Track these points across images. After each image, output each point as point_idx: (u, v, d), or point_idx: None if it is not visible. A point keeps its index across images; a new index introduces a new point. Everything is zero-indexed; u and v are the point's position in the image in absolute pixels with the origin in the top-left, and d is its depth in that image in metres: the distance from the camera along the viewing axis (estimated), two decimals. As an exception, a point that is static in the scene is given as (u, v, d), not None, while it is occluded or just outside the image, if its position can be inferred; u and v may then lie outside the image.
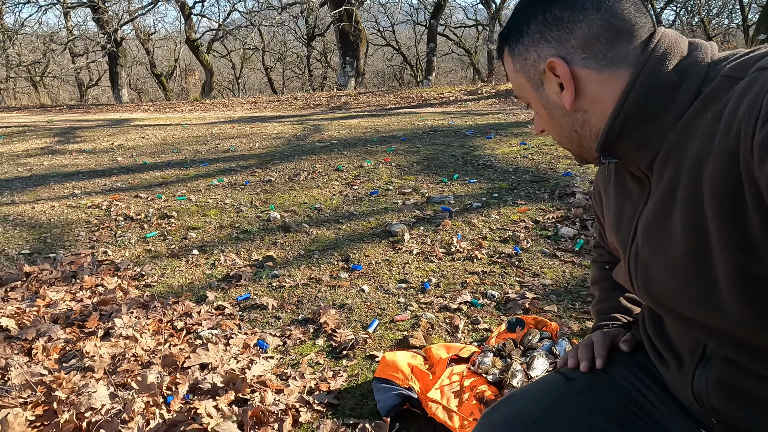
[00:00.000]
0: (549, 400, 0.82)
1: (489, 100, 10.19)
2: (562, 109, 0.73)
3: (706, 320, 0.67)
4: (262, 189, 4.05)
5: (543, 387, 0.87)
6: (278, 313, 2.26)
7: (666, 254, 0.68)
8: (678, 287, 0.68)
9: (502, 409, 0.84)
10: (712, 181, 0.58)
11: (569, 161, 4.03)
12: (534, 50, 0.72)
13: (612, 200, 0.85)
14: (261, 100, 13.09)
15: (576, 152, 0.79)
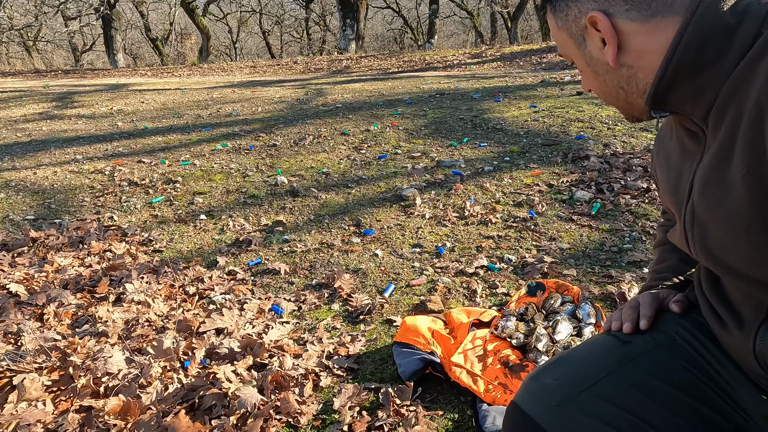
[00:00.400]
0: (606, 365, 0.78)
1: (494, 63, 9.96)
2: (605, 65, 0.70)
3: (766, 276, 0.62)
4: (268, 153, 3.97)
5: (597, 350, 0.82)
6: (291, 278, 2.22)
7: (724, 209, 0.63)
8: (738, 242, 0.63)
9: (554, 372, 0.80)
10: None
11: (581, 124, 3.94)
12: (574, 5, 0.69)
13: (666, 159, 0.80)
14: (260, 64, 12.81)
15: (624, 109, 0.76)
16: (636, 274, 2.00)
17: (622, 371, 0.76)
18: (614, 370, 0.77)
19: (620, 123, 3.87)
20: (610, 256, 2.16)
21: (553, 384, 0.78)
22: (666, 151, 0.80)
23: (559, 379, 0.78)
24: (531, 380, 0.81)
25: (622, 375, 0.76)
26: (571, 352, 0.85)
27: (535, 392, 0.79)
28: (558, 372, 0.80)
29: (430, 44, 16.42)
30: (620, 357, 0.78)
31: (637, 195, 2.69)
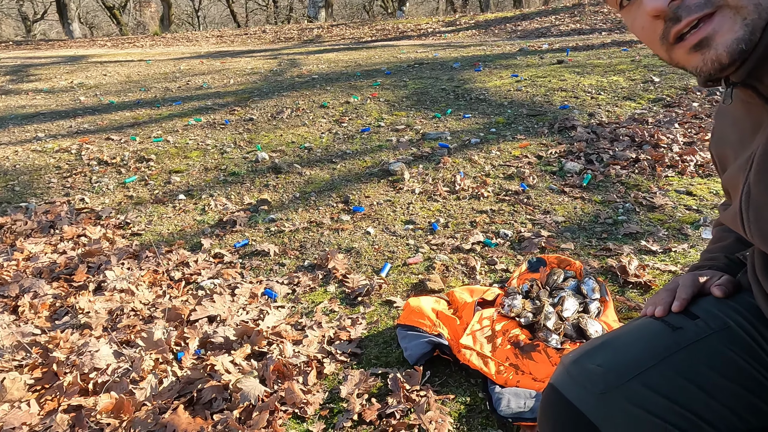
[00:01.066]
0: (655, 352, 0.73)
1: (469, 31, 9.81)
2: None
3: None
4: (245, 128, 3.81)
5: (645, 336, 0.77)
6: (281, 259, 2.14)
7: None
8: None
9: (598, 358, 0.74)
10: None
11: (565, 93, 3.90)
12: None
13: (726, 136, 0.75)
14: (227, 33, 12.30)
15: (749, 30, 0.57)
16: (633, 246, 1.99)
17: (672, 360, 0.72)
18: (664, 358, 0.72)
19: (604, 92, 3.85)
20: (605, 229, 2.15)
21: (597, 370, 0.73)
22: (727, 130, 0.75)
23: (604, 365, 0.73)
24: (572, 364, 0.76)
25: (671, 364, 0.71)
26: (615, 336, 0.79)
27: (577, 377, 0.74)
28: (602, 357, 0.75)
29: (402, 12, 16.06)
30: (671, 344, 0.74)
31: (626, 165, 2.68)
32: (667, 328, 0.76)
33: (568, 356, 0.79)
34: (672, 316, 0.78)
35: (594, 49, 5.67)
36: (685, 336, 0.74)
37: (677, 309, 0.81)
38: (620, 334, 0.79)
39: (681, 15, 0.58)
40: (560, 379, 0.76)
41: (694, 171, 2.56)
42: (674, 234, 2.06)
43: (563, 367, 0.78)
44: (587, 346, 0.79)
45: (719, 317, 0.76)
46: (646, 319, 0.81)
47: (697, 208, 2.23)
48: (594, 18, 9.30)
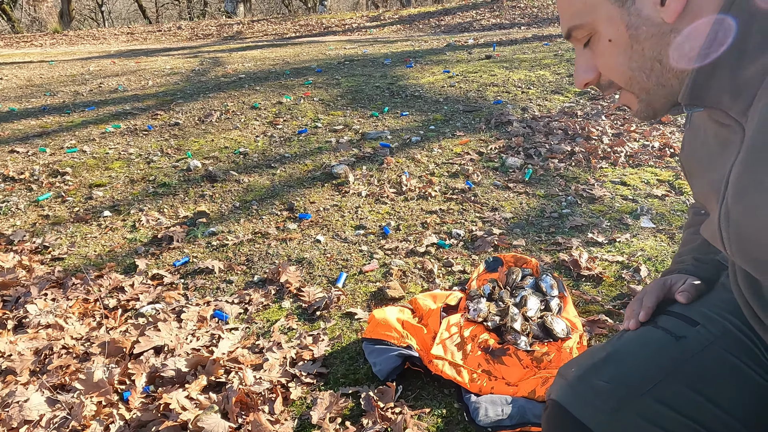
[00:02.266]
0: (662, 364, 0.72)
1: (394, 26, 9.84)
2: (653, 28, 0.60)
3: None
4: (171, 134, 3.56)
5: (650, 348, 0.76)
6: (228, 276, 2.00)
7: (763, 211, 0.59)
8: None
9: (605, 373, 0.73)
10: None
11: (497, 88, 3.99)
12: None
13: (698, 154, 0.75)
14: (138, 30, 11.53)
15: (646, 98, 0.66)
16: (581, 238, 2.06)
17: (681, 372, 0.71)
18: (671, 371, 0.72)
19: (533, 87, 3.97)
20: (552, 223, 2.20)
21: (605, 387, 0.71)
22: (697, 146, 0.75)
23: (612, 381, 0.72)
24: (578, 381, 0.74)
25: (680, 377, 0.71)
26: (617, 348, 0.78)
27: (584, 394, 0.72)
28: (609, 372, 0.73)
29: (323, 6, 15.83)
30: (677, 355, 0.73)
31: (563, 159, 2.77)
32: (670, 338, 0.76)
33: (569, 370, 0.77)
34: (673, 322, 0.78)
35: (518, 44, 5.86)
36: (689, 345, 0.74)
37: (643, 319, 0.82)
38: (623, 346, 0.78)
39: (599, 89, 0.72)
40: (566, 397, 0.74)
41: (625, 162, 2.70)
42: (616, 224, 2.15)
43: (566, 382, 0.76)
44: (589, 359, 0.77)
45: (718, 321, 0.76)
46: (647, 328, 0.80)
47: (633, 198, 2.34)
48: (512, 13, 9.64)
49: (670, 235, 2.05)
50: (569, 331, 1.46)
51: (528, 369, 1.36)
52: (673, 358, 0.73)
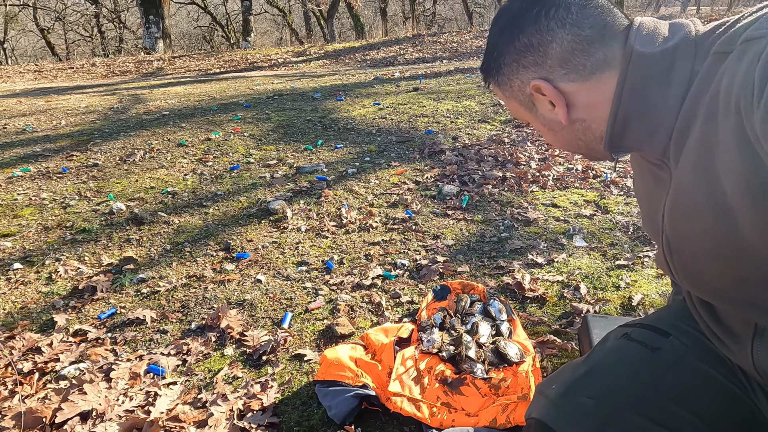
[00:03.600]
0: (641, 377, 0.74)
1: (320, 61, 9.95)
2: (560, 123, 0.73)
3: (747, 294, 0.64)
4: (89, 175, 3.32)
5: (627, 361, 0.78)
6: (162, 325, 1.86)
7: (696, 238, 0.65)
8: (715, 268, 0.65)
9: (587, 389, 0.74)
10: (726, 159, 0.56)
11: (427, 119, 4.10)
12: (516, 77, 0.73)
13: (640, 189, 0.83)
14: (48, 68, 10.86)
15: (588, 155, 0.79)
16: (521, 261, 2.11)
17: (660, 384, 0.74)
18: (651, 383, 0.74)
19: (461, 116, 4.12)
20: (493, 247, 2.25)
21: (588, 402, 0.72)
22: (640, 183, 0.82)
23: (595, 396, 0.73)
24: (561, 398, 0.75)
25: (660, 389, 0.73)
26: (595, 363, 0.79)
27: (569, 413, 0.73)
28: (591, 388, 0.74)
29: (247, 42, 15.75)
30: (654, 368, 0.76)
31: (496, 184, 2.87)
32: (645, 350, 0.78)
33: (549, 388, 0.78)
34: (646, 334, 0.81)
35: (442, 76, 6.10)
36: (665, 357, 0.77)
37: None
38: (602, 361, 0.80)
39: None
40: (549, 415, 0.74)
41: (554, 185, 2.84)
42: (552, 245, 2.23)
43: (548, 401, 0.76)
44: (570, 375, 0.78)
45: (688, 331, 0.80)
46: (622, 341, 0.82)
47: (564, 219, 2.45)
48: (434, 47, 10.07)
49: (602, 253, 2.15)
50: (522, 354, 1.47)
51: (487, 397, 1.35)
52: (652, 371, 0.75)
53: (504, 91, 0.77)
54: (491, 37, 0.75)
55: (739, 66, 0.53)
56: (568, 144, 0.77)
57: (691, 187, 0.62)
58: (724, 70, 0.56)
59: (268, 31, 28.22)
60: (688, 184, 0.63)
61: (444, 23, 23.46)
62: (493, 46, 0.75)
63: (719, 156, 0.56)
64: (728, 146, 0.54)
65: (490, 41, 0.75)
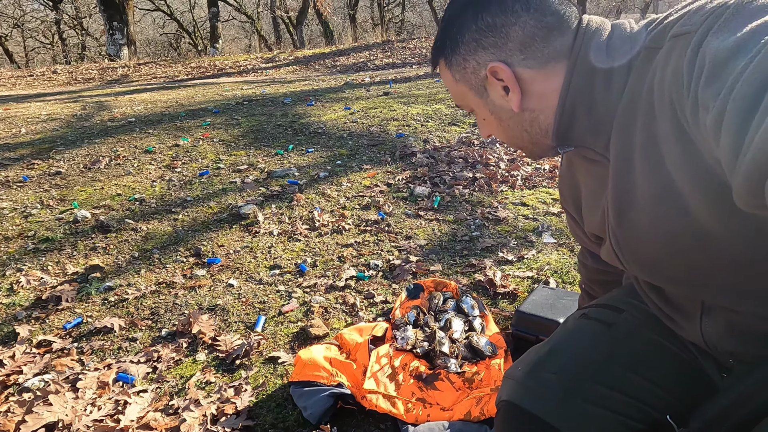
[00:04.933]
0: (599, 350, 0.79)
1: (290, 67, 9.92)
2: (509, 111, 0.73)
3: (701, 279, 0.67)
4: (52, 184, 3.22)
5: (586, 337, 0.82)
6: (131, 333, 1.81)
7: (648, 228, 0.67)
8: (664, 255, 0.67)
9: (550, 365, 0.78)
10: (666, 149, 0.59)
11: (397, 123, 4.13)
12: (472, 58, 0.71)
13: (578, 190, 0.85)
14: (6, 75, 10.49)
15: (529, 150, 0.79)
16: (492, 258, 2.14)
17: (617, 355, 0.78)
18: (609, 355, 0.78)
19: (431, 120, 4.17)
20: (465, 246, 2.28)
21: (552, 378, 0.77)
22: (575, 183, 0.84)
23: (558, 372, 0.77)
24: (526, 377, 0.78)
25: (617, 359, 0.78)
26: (557, 341, 0.84)
27: (535, 389, 0.77)
28: (554, 364, 0.79)
29: (215, 49, 15.56)
30: (610, 340, 0.80)
31: (467, 185, 2.91)
32: (602, 325, 0.83)
33: (515, 370, 0.82)
34: (602, 312, 0.85)
35: (412, 81, 6.16)
36: (619, 331, 0.81)
37: None
38: (562, 339, 0.84)
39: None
40: (517, 394, 0.77)
41: (522, 184, 2.90)
42: (522, 242, 2.27)
43: (515, 381, 0.80)
44: (534, 356, 0.83)
45: (639, 306, 0.84)
46: (580, 320, 0.86)
47: (533, 217, 2.51)
48: (403, 53, 10.16)
49: (570, 248, 2.21)
50: (495, 348, 1.49)
51: (461, 391, 1.37)
52: (607, 344, 0.80)
53: (455, 73, 0.74)
54: (451, 13, 0.72)
55: (669, 60, 0.56)
56: (511, 135, 0.76)
57: (639, 179, 0.64)
58: (657, 64, 0.59)
59: (236, 38, 27.94)
60: (635, 175, 0.64)
61: (413, 29, 23.69)
62: (451, 23, 0.71)
63: (662, 147, 0.59)
64: (668, 138, 0.57)
65: (449, 18, 0.72)
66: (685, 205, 0.60)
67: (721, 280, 0.65)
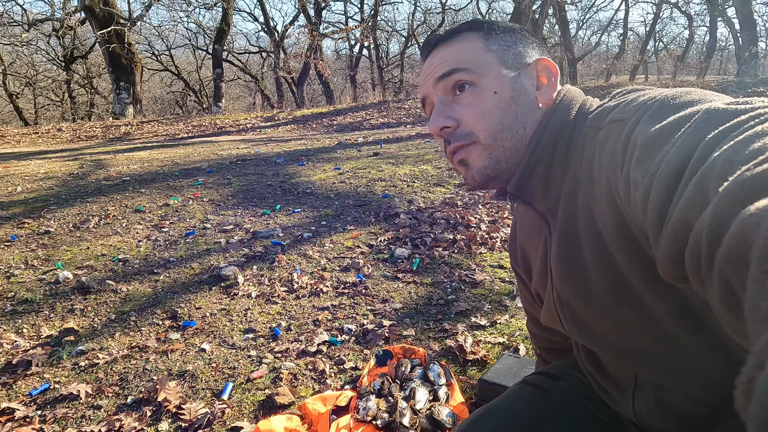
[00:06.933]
0: (532, 414, 0.82)
1: (288, 126, 10.21)
2: (531, 100, 0.73)
3: (633, 347, 0.70)
4: (39, 243, 3.27)
5: (521, 400, 0.86)
6: (96, 400, 1.79)
7: (584, 290, 0.71)
8: (602, 319, 0.71)
9: (484, 425, 0.81)
10: (602, 220, 0.64)
11: (384, 183, 4.22)
12: (522, 46, 0.74)
13: (523, 248, 0.89)
14: (11, 133, 10.80)
15: (496, 157, 0.72)
16: (465, 323, 2.15)
17: (548, 418, 0.81)
18: (541, 417, 0.81)
19: (417, 180, 4.27)
20: (439, 310, 2.29)
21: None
22: (525, 237, 0.87)
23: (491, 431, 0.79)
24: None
25: (547, 422, 0.81)
26: (496, 403, 0.87)
27: None
28: (488, 424, 0.82)
29: (218, 108, 16.09)
30: (542, 406, 0.83)
31: (447, 246, 2.95)
32: (537, 391, 0.87)
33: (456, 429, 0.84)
34: (540, 378, 0.89)
35: (403, 141, 6.34)
36: (553, 396, 0.85)
37: None
38: (499, 401, 0.89)
39: (450, 140, 0.73)
40: None
41: (501, 246, 2.93)
42: (496, 306, 2.28)
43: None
44: (472, 416, 0.86)
45: (573, 375, 0.88)
46: (520, 385, 0.91)
47: (510, 280, 2.53)
48: (398, 113, 10.49)
49: (544, 313, 2.21)
50: (456, 419, 1.48)
51: (419, 466, 1.34)
52: (541, 408, 0.83)
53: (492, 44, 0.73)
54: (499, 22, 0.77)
55: (606, 143, 0.62)
56: (507, 122, 0.71)
57: (579, 242, 0.68)
58: (597, 144, 0.65)
59: (241, 95, 28.90)
60: (576, 238, 0.69)
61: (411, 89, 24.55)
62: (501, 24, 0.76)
63: (598, 216, 0.64)
64: (603, 209, 0.63)
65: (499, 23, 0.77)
66: (620, 269, 0.64)
67: (650, 350, 0.68)
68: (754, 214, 0.28)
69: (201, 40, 22.80)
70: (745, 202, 0.31)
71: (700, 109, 0.49)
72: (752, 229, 0.28)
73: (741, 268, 0.29)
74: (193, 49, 23.63)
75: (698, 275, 0.37)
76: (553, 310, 0.80)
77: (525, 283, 0.95)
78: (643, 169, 0.50)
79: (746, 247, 0.28)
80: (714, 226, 0.33)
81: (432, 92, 0.75)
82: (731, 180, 0.34)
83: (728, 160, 0.37)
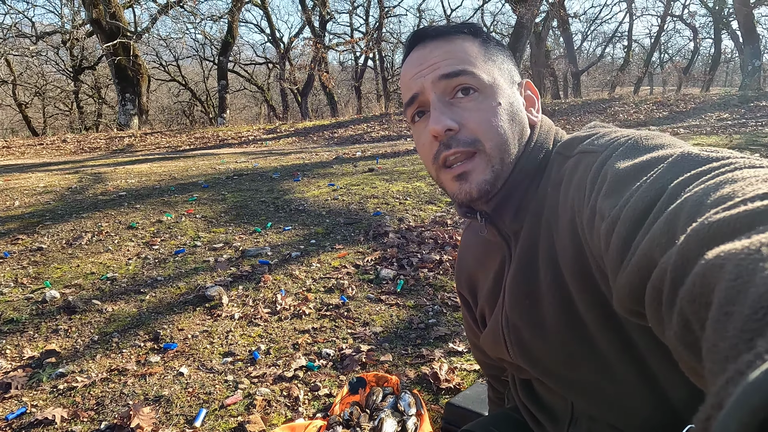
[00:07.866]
0: None
1: (289, 138, 10.28)
2: (523, 120, 0.74)
3: (574, 376, 0.72)
4: (30, 260, 3.30)
5: None
6: (71, 425, 1.81)
7: (535, 315, 0.72)
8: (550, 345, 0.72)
9: None
10: (562, 247, 0.65)
11: (377, 200, 4.24)
12: (512, 64, 0.77)
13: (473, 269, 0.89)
14: (16, 143, 10.94)
15: (497, 169, 0.70)
16: (443, 349, 2.14)
17: None
18: None
19: (410, 197, 4.28)
20: (419, 334, 2.29)
21: None
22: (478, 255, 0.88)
23: None
24: None
25: None
26: None
27: None
28: None
29: (222, 119, 16.22)
30: None
31: (432, 267, 2.95)
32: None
33: None
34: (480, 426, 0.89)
35: (399, 156, 6.36)
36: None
37: None
38: None
39: (451, 144, 0.69)
40: None
41: (487, 267, 2.93)
42: (476, 331, 2.28)
43: None
44: None
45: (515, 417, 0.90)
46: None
47: (492, 303, 2.52)
48: (400, 126, 10.54)
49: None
50: (421, 453, 1.47)
51: (379, 502, 1.34)
52: None
53: (490, 54, 0.73)
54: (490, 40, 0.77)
55: (576, 171, 0.63)
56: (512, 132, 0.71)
57: (536, 267, 0.69)
58: (565, 170, 0.66)
59: (247, 106, 29.12)
60: (533, 264, 0.70)
61: (415, 100, 24.58)
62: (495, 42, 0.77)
63: (558, 244, 0.66)
64: (564, 235, 0.64)
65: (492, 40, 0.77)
66: (571, 298, 0.66)
67: (588, 381, 0.70)
68: (719, 257, 0.29)
69: (208, 51, 23.07)
70: (711, 244, 0.31)
71: (674, 152, 0.50)
72: (716, 271, 0.28)
73: (702, 308, 0.29)
74: (200, 60, 23.88)
75: (657, 311, 0.37)
76: (499, 333, 0.80)
77: (469, 307, 0.95)
78: (612, 202, 0.51)
79: (709, 287, 0.29)
80: (679, 264, 0.34)
81: (430, 88, 0.70)
82: (699, 221, 0.35)
83: (698, 203, 0.38)
